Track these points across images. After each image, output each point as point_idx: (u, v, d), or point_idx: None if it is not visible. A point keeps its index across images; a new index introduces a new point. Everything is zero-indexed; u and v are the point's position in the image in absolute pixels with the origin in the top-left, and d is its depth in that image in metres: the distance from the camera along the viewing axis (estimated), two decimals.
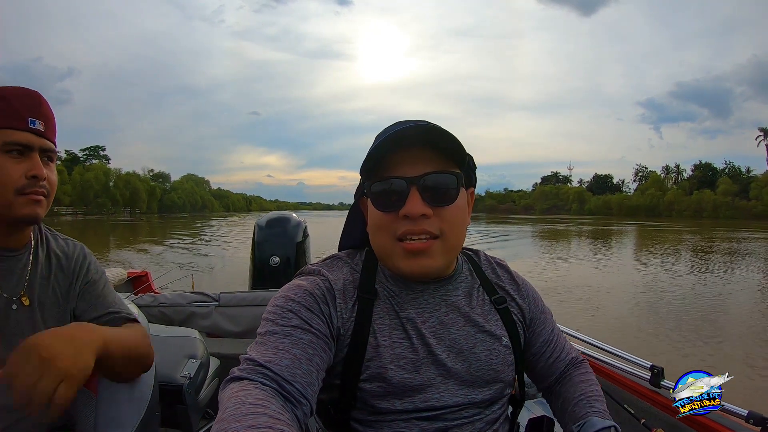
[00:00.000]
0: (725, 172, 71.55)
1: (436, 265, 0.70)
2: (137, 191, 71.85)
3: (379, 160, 0.69)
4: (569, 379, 0.83)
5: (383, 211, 0.69)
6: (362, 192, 0.77)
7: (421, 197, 0.66)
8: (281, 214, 2.57)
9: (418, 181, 0.67)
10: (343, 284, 0.72)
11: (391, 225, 0.68)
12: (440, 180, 0.68)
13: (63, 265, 0.94)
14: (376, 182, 0.69)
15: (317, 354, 0.63)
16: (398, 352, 0.69)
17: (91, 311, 0.96)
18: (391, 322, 0.71)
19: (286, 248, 2.39)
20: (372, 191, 0.70)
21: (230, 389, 0.55)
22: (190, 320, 1.97)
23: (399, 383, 0.69)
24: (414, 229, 0.67)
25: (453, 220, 0.69)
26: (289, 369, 0.58)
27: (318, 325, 0.66)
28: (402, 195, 0.67)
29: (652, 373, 1.23)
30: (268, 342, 0.62)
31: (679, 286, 9.25)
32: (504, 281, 0.82)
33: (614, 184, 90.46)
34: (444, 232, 0.68)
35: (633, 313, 6.95)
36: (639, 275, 10.84)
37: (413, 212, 0.66)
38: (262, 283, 2.38)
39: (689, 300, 7.83)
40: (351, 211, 0.83)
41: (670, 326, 6.10)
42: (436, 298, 0.74)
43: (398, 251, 0.68)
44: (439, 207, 0.68)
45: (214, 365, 1.34)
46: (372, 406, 0.69)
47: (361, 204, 0.79)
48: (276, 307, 0.66)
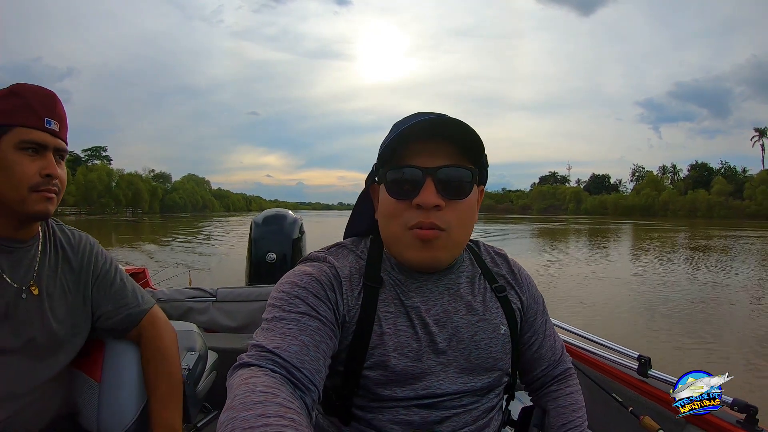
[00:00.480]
0: (721, 172, 71.67)
1: (442, 257, 0.70)
2: (140, 191, 72.38)
3: (397, 148, 0.68)
4: (554, 392, 0.84)
5: (397, 198, 0.68)
6: (374, 178, 0.76)
7: (435, 188, 0.66)
8: (278, 211, 2.57)
9: (434, 173, 0.66)
10: (350, 272, 0.72)
11: (403, 213, 0.68)
12: (456, 174, 0.68)
13: (69, 258, 0.96)
14: (392, 169, 0.69)
15: (324, 341, 0.63)
16: (402, 341, 0.70)
17: (107, 304, 0.97)
18: (396, 310, 0.71)
19: (283, 245, 2.39)
20: (387, 178, 0.69)
21: (239, 375, 0.54)
22: (187, 315, 1.98)
23: (402, 371, 0.69)
24: (425, 220, 0.67)
25: (463, 215, 0.69)
26: (297, 356, 0.58)
27: (325, 312, 0.65)
28: (417, 184, 0.67)
29: (639, 362, 1.24)
30: (276, 328, 0.61)
31: (648, 275, 10.35)
32: (503, 270, 0.82)
33: (611, 183, 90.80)
34: (453, 226, 0.68)
35: (606, 299, 7.53)
36: (608, 267, 11.93)
37: (427, 202, 0.65)
38: (258, 279, 2.38)
39: (657, 288, 8.70)
40: (360, 196, 0.82)
41: (640, 310, 6.80)
42: (440, 286, 0.74)
43: (408, 239, 0.68)
44: (452, 200, 0.68)
45: (212, 358, 1.36)
46: (374, 393, 0.69)
47: (371, 190, 0.79)
48: (282, 293, 0.66)
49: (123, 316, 0.98)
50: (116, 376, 0.98)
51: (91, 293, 0.97)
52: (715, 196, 62.27)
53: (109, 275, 0.99)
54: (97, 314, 0.97)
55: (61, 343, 0.92)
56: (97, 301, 0.97)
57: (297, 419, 0.47)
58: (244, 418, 0.45)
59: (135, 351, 1.01)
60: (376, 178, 0.75)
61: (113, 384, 0.98)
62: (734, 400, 1.00)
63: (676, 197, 67.36)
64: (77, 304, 0.95)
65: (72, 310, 0.94)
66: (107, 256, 1.02)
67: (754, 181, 60.56)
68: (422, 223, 0.67)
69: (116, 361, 1.00)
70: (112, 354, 1.01)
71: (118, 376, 0.98)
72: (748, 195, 59.23)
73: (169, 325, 1.04)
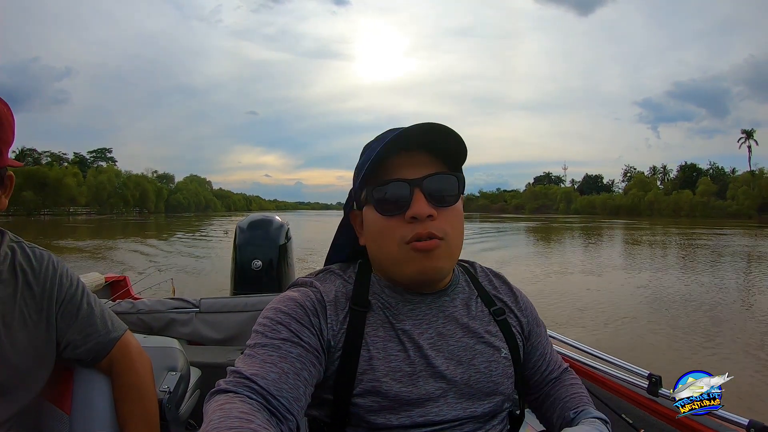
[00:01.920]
0: (709, 172, 72.43)
1: (443, 266, 0.68)
2: (146, 192, 73.38)
3: (377, 164, 0.66)
4: (560, 382, 0.81)
5: (387, 215, 0.66)
6: (352, 205, 0.75)
7: (425, 198, 0.65)
8: (263, 215, 2.52)
9: (420, 183, 0.65)
10: (335, 295, 0.69)
11: (396, 230, 0.66)
12: (443, 181, 0.67)
13: (30, 282, 0.84)
14: (377, 187, 0.67)
15: (306, 368, 0.61)
16: (394, 365, 0.66)
17: (73, 333, 0.87)
18: (386, 334, 0.68)
19: (269, 251, 2.31)
20: (374, 196, 0.67)
21: (215, 401, 0.53)
22: (169, 327, 1.91)
23: (395, 397, 0.65)
24: (422, 231, 0.64)
25: (455, 221, 0.68)
26: (275, 383, 0.56)
27: (308, 338, 0.63)
28: (406, 197, 0.65)
29: (649, 381, 1.18)
30: (257, 354, 0.60)
31: (599, 264, 12.50)
32: (502, 293, 0.79)
33: (604, 184, 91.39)
34: (449, 233, 0.66)
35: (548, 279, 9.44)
36: (568, 257, 14.35)
37: (421, 213, 0.64)
38: (244, 287, 2.30)
39: (598, 271, 10.81)
40: (341, 225, 0.79)
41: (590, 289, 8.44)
42: (434, 309, 0.71)
43: (405, 255, 0.66)
44: (443, 208, 0.66)
45: (194, 376, 1.28)
46: (367, 422, 0.66)
47: (352, 219, 0.76)
48: (266, 319, 0.65)
49: (91, 345, 0.89)
50: (87, 407, 0.90)
51: (56, 321, 0.86)
52: (698, 197, 63.41)
53: (75, 299, 0.88)
54: (63, 344, 0.87)
55: (23, 377, 0.82)
56: (62, 329, 0.86)
57: None
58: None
59: (107, 379, 0.92)
60: (355, 203, 0.74)
61: (84, 416, 0.89)
62: (751, 421, 0.93)
63: (661, 197, 68.62)
64: (40, 333, 0.84)
65: (34, 340, 0.83)
66: (73, 277, 0.91)
67: (737, 181, 61.80)
68: (420, 235, 0.65)
69: (87, 391, 0.91)
70: (81, 383, 0.91)
71: (89, 408, 0.90)
72: (730, 195, 60.38)
73: (143, 354, 0.95)
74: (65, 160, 74.01)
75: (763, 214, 54.20)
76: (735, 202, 59.04)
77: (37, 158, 68.99)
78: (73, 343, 0.88)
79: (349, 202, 0.76)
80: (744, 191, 58.31)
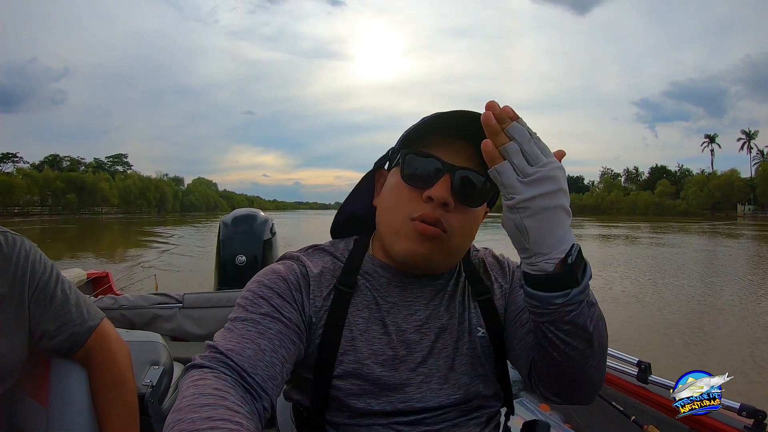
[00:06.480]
0: (676, 174, 76.38)
1: (436, 259, 0.63)
2: (165, 195, 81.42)
3: (424, 136, 0.63)
4: None
5: (409, 184, 0.62)
6: (384, 162, 0.70)
7: (450, 186, 0.60)
8: (248, 211, 2.44)
9: (453, 171, 0.61)
10: (321, 271, 0.65)
11: (409, 203, 0.62)
12: (475, 179, 0.61)
13: (1, 268, 0.76)
14: (413, 154, 0.63)
15: (284, 345, 0.57)
16: (376, 348, 0.63)
17: (47, 322, 0.78)
18: (370, 315, 0.64)
19: (253, 246, 2.25)
20: (406, 161, 0.63)
21: (190, 377, 0.51)
22: (152, 323, 1.83)
23: (376, 380, 0.61)
24: (430, 215, 0.60)
25: (468, 223, 0.63)
26: (250, 360, 0.53)
27: (289, 314, 0.60)
28: (434, 176, 0.61)
29: (639, 368, 1.15)
30: (235, 329, 0.57)
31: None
32: (491, 268, 0.74)
33: (584, 185, 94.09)
34: (455, 231, 0.62)
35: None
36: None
37: (438, 196, 0.59)
38: (228, 283, 2.22)
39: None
40: (364, 177, 0.73)
41: None
42: (425, 293, 0.67)
43: (406, 230, 0.62)
44: (462, 205, 0.62)
45: (178, 371, 1.21)
46: (347, 407, 0.62)
47: (377, 174, 0.71)
48: (249, 292, 0.61)
49: (67, 335, 0.79)
50: (65, 399, 0.83)
51: (28, 309, 0.77)
52: (655, 197, 67.55)
53: (49, 287, 0.80)
54: (38, 333, 0.78)
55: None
56: (36, 318, 0.78)
57: (244, 423, 0.45)
58: (191, 420, 0.43)
59: (85, 370, 0.84)
60: (387, 162, 0.69)
61: (62, 409, 0.83)
62: (742, 405, 0.92)
63: (621, 197, 73.13)
64: (11, 322, 0.76)
65: (5, 329, 0.75)
66: (47, 262, 0.81)
67: (691, 182, 65.78)
68: (426, 217, 0.60)
69: (64, 383, 0.84)
70: (58, 374, 0.84)
71: (67, 399, 0.83)
72: (683, 195, 64.76)
73: (122, 343, 0.86)
74: (83, 164, 79.87)
75: (716, 212, 58.10)
76: (685, 201, 63.38)
77: (72, 165, 75.07)
78: (48, 332, 0.80)
79: (383, 158, 0.71)
80: (693, 192, 62.35)
